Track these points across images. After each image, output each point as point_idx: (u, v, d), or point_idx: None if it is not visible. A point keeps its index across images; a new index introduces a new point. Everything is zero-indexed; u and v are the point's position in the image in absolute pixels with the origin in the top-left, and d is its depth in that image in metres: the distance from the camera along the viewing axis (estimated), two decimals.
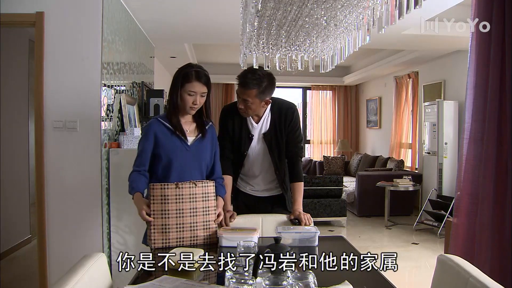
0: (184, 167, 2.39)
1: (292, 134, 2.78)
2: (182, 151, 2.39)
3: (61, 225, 3.62)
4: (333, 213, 6.80)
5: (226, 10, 4.69)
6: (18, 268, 4.71)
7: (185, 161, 2.39)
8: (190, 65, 2.41)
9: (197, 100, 2.36)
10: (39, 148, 3.60)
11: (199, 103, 2.38)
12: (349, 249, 2.22)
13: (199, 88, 2.34)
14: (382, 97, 10.04)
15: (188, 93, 2.34)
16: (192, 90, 2.33)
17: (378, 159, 9.01)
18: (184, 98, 2.35)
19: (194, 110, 2.41)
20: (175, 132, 2.39)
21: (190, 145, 2.42)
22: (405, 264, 5.06)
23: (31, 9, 3.59)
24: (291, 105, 2.86)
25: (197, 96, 2.35)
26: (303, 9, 1.44)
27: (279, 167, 2.78)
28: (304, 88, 11.59)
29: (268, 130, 2.75)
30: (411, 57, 7.46)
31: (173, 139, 2.39)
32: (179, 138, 2.39)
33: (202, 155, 2.46)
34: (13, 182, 5.29)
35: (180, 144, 2.39)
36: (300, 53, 1.93)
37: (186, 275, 1.72)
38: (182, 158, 2.39)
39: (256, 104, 2.60)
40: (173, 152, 2.38)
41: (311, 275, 1.45)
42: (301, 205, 2.73)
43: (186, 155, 2.40)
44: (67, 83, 3.63)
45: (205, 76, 2.37)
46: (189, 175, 2.39)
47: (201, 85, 2.35)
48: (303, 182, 2.80)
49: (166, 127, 2.39)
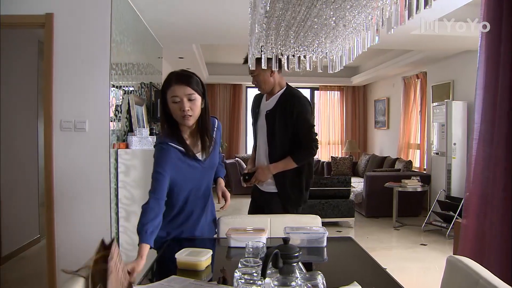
0: (196, 183, 2.28)
1: (301, 125, 2.90)
2: (197, 169, 2.25)
3: (70, 225, 3.64)
4: (341, 214, 6.79)
5: (233, 10, 4.69)
6: (27, 268, 4.74)
7: (200, 177, 2.29)
8: (172, 72, 2.19)
9: (184, 105, 2.08)
10: (48, 149, 3.62)
11: (189, 109, 2.10)
12: (358, 250, 2.21)
13: (182, 90, 2.08)
14: (390, 97, 10.01)
15: (173, 100, 2.09)
16: (174, 95, 2.08)
17: (386, 159, 8.98)
18: (171, 107, 2.11)
19: (189, 119, 2.13)
20: (188, 154, 2.19)
21: (203, 161, 2.27)
22: (414, 265, 5.04)
23: (40, 11, 3.61)
24: (299, 95, 3.02)
25: (184, 100, 2.09)
26: (312, 9, 1.44)
27: (271, 152, 2.96)
28: (312, 89, 11.58)
29: (271, 109, 2.97)
30: (420, 57, 7.43)
31: (188, 161, 2.21)
32: (193, 159, 2.22)
33: (214, 164, 2.37)
34: (22, 182, 5.33)
35: (195, 164, 2.24)
36: (308, 53, 1.93)
37: (195, 275, 1.73)
38: (197, 175, 2.26)
39: (261, 74, 2.91)
40: (192, 174, 2.23)
41: (319, 276, 1.44)
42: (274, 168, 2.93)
43: (202, 171, 2.28)
44: (76, 83, 3.65)
45: (189, 77, 2.13)
46: (200, 186, 2.32)
47: (183, 86, 2.08)
48: (294, 162, 2.91)
49: (180, 151, 2.18)
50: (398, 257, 5.33)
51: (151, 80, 5.35)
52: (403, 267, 4.84)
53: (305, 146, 2.92)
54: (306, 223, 2.50)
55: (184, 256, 1.83)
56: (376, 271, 1.87)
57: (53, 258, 3.62)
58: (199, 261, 1.79)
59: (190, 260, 1.81)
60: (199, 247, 1.98)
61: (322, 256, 2.15)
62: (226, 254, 2.16)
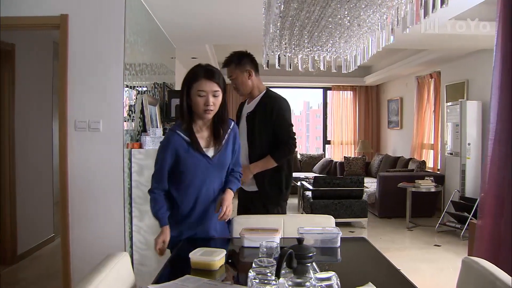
0: (207, 180, 2.30)
1: (279, 124, 2.99)
2: (205, 165, 2.26)
3: (84, 224, 3.67)
4: (354, 214, 6.76)
5: (247, 11, 4.70)
6: (42, 266, 4.79)
7: (209, 174, 2.29)
8: (199, 65, 2.23)
9: (209, 100, 2.15)
10: (63, 148, 3.65)
11: (212, 104, 2.17)
12: (372, 250, 2.20)
13: (209, 86, 2.14)
14: (403, 97, 9.94)
15: (198, 94, 2.15)
16: (201, 89, 2.14)
17: (399, 160, 8.92)
18: (195, 100, 2.16)
19: (209, 114, 2.20)
20: (193, 146, 2.23)
21: (212, 158, 2.28)
22: (427, 266, 5.00)
23: (55, 12, 3.64)
24: (278, 96, 3.17)
25: (209, 96, 2.15)
26: (326, 9, 1.44)
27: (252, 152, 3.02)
28: (325, 89, 11.54)
29: (252, 111, 3.07)
30: (433, 57, 7.37)
31: (193, 153, 2.23)
32: (199, 152, 2.25)
33: (224, 163, 2.35)
34: (37, 182, 5.38)
35: (202, 159, 2.26)
36: (322, 53, 1.93)
37: (209, 275, 1.73)
38: (206, 172, 2.27)
39: (240, 76, 3.04)
40: (197, 169, 2.25)
41: (334, 276, 1.44)
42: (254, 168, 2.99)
43: (209, 168, 2.28)
44: (90, 84, 3.67)
45: (216, 74, 2.17)
46: (212, 186, 2.33)
47: (211, 83, 2.14)
48: (272, 159, 2.98)
49: (186, 141, 2.23)
50: (412, 258, 5.29)
51: (164, 80, 5.38)
52: (417, 268, 4.81)
53: (284, 144, 3.00)
54: (319, 223, 2.49)
55: (198, 256, 1.84)
56: (390, 272, 1.86)
57: (67, 257, 3.65)
58: (213, 260, 1.80)
59: (204, 260, 1.81)
60: (213, 247, 1.98)
61: (336, 256, 2.15)
62: (240, 254, 2.16)
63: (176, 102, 4.61)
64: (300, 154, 11.06)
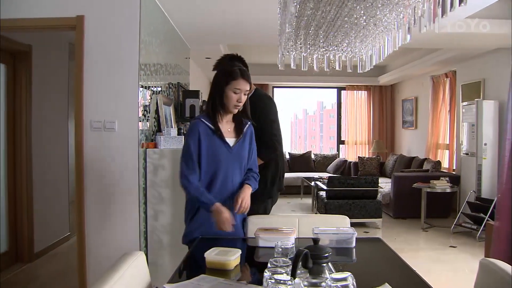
0: (228, 168, 2.44)
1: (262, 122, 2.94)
2: (225, 153, 2.43)
3: (99, 223, 3.70)
4: (368, 215, 6.72)
5: (261, 10, 4.70)
6: (58, 265, 4.84)
7: (229, 163, 2.44)
8: (233, 63, 2.46)
9: (241, 97, 2.40)
10: (79, 148, 3.68)
11: (242, 101, 2.42)
12: (387, 251, 2.19)
13: (244, 85, 2.39)
14: (418, 97, 9.86)
15: (234, 91, 2.38)
16: (238, 88, 2.37)
17: (414, 160, 8.86)
18: (229, 96, 2.39)
19: (237, 109, 2.44)
20: (217, 133, 2.41)
21: (232, 147, 2.45)
22: (443, 267, 4.95)
23: (71, 13, 3.68)
24: (263, 93, 3.20)
25: (241, 93, 2.39)
26: (342, 8, 1.43)
27: None
28: (339, 88, 11.51)
29: None
30: (449, 56, 7.29)
31: (216, 141, 2.41)
32: (221, 140, 2.42)
33: (242, 155, 2.51)
34: (53, 181, 5.44)
35: (223, 146, 2.42)
36: (338, 53, 1.92)
37: (224, 275, 1.73)
38: (225, 160, 2.43)
39: None
40: (218, 154, 2.41)
41: (350, 277, 1.43)
42: None
43: (229, 156, 2.44)
44: (105, 84, 3.70)
45: (248, 74, 2.42)
46: (231, 176, 2.46)
47: (246, 82, 2.39)
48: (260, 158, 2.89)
49: (210, 129, 2.41)
50: (427, 259, 5.24)
51: (178, 80, 5.40)
52: (432, 269, 4.77)
53: (267, 143, 3.00)
54: (334, 223, 2.49)
55: (213, 255, 1.84)
56: (407, 273, 1.84)
57: (83, 255, 3.69)
58: (228, 260, 1.80)
59: (219, 260, 1.82)
60: (228, 246, 1.99)
61: (351, 256, 2.14)
62: (255, 254, 2.16)
63: (191, 102, 4.63)
64: (314, 154, 11.04)
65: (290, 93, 14.16)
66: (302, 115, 34.12)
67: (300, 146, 38.19)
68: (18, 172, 4.81)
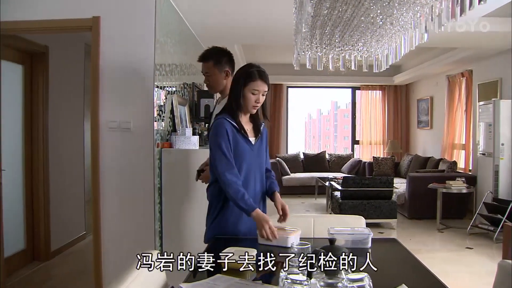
0: (250, 166, 2.48)
1: None
2: (249, 151, 2.47)
3: (115, 222, 3.72)
4: (383, 215, 6.68)
5: (276, 10, 4.70)
6: (74, 264, 4.89)
7: (251, 161, 2.48)
8: (251, 65, 2.47)
9: (259, 98, 2.43)
10: (95, 148, 3.71)
11: (261, 102, 2.45)
12: (404, 252, 2.17)
13: (262, 86, 2.42)
14: (433, 96, 9.78)
15: (252, 92, 2.41)
16: (256, 89, 2.40)
17: (429, 160, 8.78)
18: (248, 96, 2.42)
19: (255, 109, 2.48)
20: (241, 132, 2.45)
21: (253, 145, 2.50)
22: (459, 269, 4.90)
23: (87, 14, 3.70)
24: None
25: (260, 94, 2.42)
26: (359, 8, 1.42)
27: None
28: (354, 88, 11.47)
29: None
30: (465, 55, 7.22)
31: (241, 140, 2.46)
32: (245, 139, 2.46)
33: (262, 155, 2.57)
34: (69, 180, 5.50)
35: (247, 145, 2.46)
36: (353, 52, 1.91)
37: (240, 274, 1.73)
38: (249, 158, 2.47)
39: (217, 75, 2.96)
40: (244, 153, 2.45)
41: (366, 277, 1.43)
42: None
43: (252, 155, 2.49)
44: (121, 84, 3.73)
45: (267, 75, 2.44)
46: (254, 174, 2.51)
47: (264, 83, 2.42)
48: None
49: (234, 127, 2.44)
50: (443, 261, 5.19)
51: (193, 80, 5.42)
52: (448, 271, 4.71)
53: None
54: (349, 223, 2.47)
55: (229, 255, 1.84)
56: (423, 274, 1.83)
57: (99, 254, 3.71)
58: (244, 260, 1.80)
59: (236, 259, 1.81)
60: (243, 246, 1.99)
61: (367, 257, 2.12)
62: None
63: (206, 102, 4.65)
64: (329, 154, 11.00)
65: (304, 93, 14.13)
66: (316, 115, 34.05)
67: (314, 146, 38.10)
68: (35, 172, 4.87)
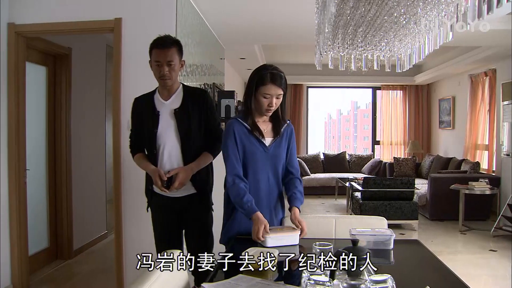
0: (264, 167, 2.45)
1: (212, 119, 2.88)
2: (262, 152, 2.43)
3: (136, 222, 3.74)
4: (404, 216, 6.61)
5: (296, 10, 4.69)
6: (95, 262, 4.95)
7: (262, 162, 2.44)
8: (265, 67, 2.39)
9: (272, 102, 2.35)
10: (117, 148, 3.75)
11: (274, 105, 2.37)
12: (427, 254, 2.15)
13: (274, 90, 2.33)
14: (455, 96, 9.64)
15: (263, 96, 2.34)
16: (267, 93, 2.33)
17: (451, 161, 8.66)
18: (260, 100, 2.36)
19: (270, 112, 2.41)
20: (252, 133, 2.42)
21: (268, 146, 2.45)
22: (482, 272, 4.83)
23: (109, 16, 3.75)
24: (204, 90, 3.16)
25: (272, 98, 2.34)
26: (382, 7, 1.41)
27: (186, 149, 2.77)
28: (374, 88, 11.38)
29: (180, 106, 2.82)
30: (488, 54, 7.09)
31: (252, 140, 2.43)
32: (257, 139, 2.43)
33: (279, 156, 2.50)
34: (91, 180, 5.57)
35: (259, 146, 2.43)
36: (376, 52, 1.89)
37: (261, 275, 1.73)
38: (262, 159, 2.44)
39: (177, 64, 2.81)
40: (255, 154, 2.42)
41: (390, 279, 1.41)
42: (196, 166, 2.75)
43: (264, 156, 2.44)
44: (142, 85, 3.74)
45: (281, 78, 2.35)
46: (267, 175, 2.46)
47: (276, 87, 2.33)
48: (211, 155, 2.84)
49: (246, 128, 2.43)
50: (465, 263, 5.11)
51: (213, 81, 5.44)
52: (471, 274, 4.64)
53: (217, 138, 2.84)
54: (371, 224, 2.45)
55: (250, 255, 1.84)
56: (447, 277, 1.80)
57: (120, 253, 3.76)
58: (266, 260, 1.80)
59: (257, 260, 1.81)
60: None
61: (389, 258, 2.11)
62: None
63: (226, 102, 4.66)
64: (349, 155, 10.93)
65: (324, 93, 14.06)
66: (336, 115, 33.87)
67: (333, 147, 37.93)
68: (58, 172, 4.94)
